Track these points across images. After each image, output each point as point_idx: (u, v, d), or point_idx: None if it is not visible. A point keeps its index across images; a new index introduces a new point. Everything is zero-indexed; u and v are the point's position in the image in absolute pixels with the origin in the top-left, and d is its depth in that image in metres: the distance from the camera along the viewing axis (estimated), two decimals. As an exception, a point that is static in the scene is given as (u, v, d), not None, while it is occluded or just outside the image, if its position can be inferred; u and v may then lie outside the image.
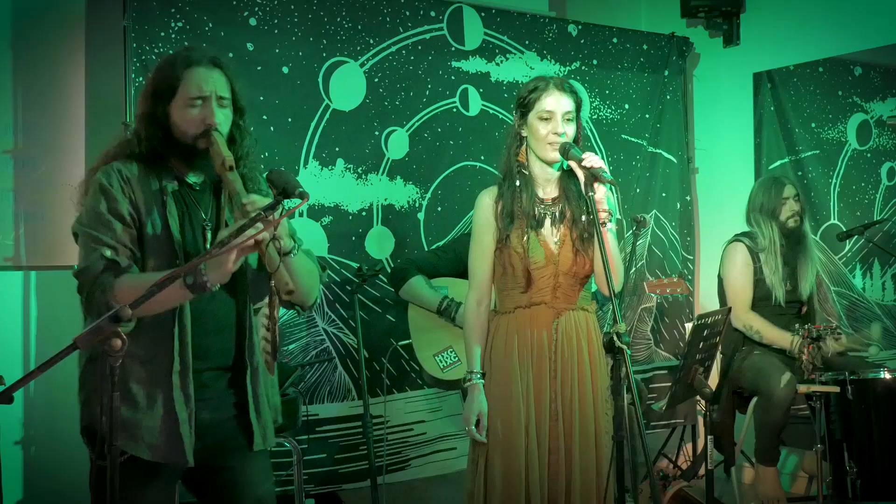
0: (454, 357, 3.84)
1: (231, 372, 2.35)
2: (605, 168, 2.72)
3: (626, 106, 5.08)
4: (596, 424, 2.84)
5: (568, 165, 2.86)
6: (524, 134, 2.87)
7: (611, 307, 2.62)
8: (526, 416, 2.80)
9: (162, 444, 2.23)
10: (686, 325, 5.13)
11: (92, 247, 2.21)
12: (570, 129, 2.83)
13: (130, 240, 2.24)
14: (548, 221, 2.87)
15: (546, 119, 2.81)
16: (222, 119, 2.30)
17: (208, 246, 2.25)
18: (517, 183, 2.85)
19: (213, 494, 2.44)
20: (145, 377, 2.24)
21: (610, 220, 2.74)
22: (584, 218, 2.85)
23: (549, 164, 2.86)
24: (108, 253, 2.19)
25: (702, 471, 3.77)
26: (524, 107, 2.86)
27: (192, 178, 2.34)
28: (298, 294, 2.36)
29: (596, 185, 2.68)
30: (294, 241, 2.30)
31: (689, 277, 5.15)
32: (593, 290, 3.06)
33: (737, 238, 4.38)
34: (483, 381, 2.87)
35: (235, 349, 2.34)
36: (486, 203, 2.91)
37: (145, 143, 2.28)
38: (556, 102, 2.82)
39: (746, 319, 4.23)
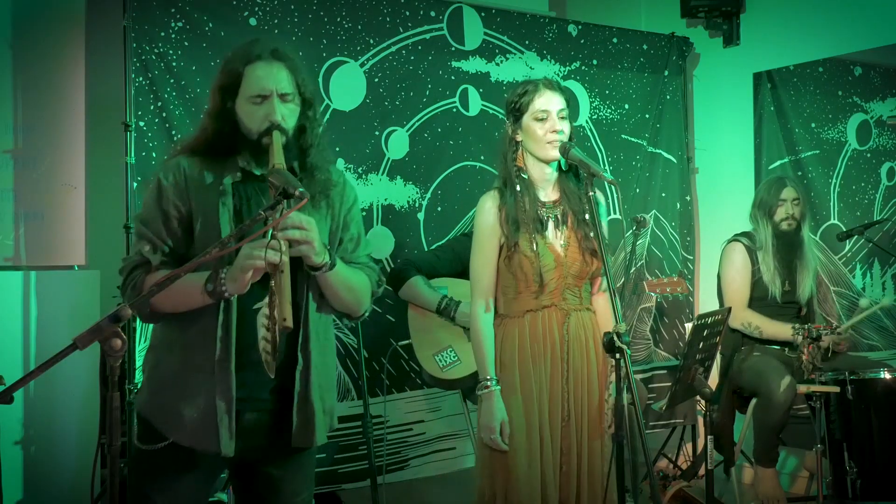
0: (454, 356, 3.84)
1: (281, 367, 2.29)
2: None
3: (626, 106, 5.08)
4: (599, 422, 2.86)
5: (566, 165, 2.87)
6: (519, 138, 2.87)
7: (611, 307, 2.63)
8: (539, 419, 2.80)
9: (199, 430, 2.24)
10: (686, 325, 5.13)
11: (138, 239, 2.32)
12: (566, 127, 2.85)
13: (171, 236, 2.29)
14: (551, 224, 2.86)
15: (542, 119, 2.82)
16: (287, 113, 2.29)
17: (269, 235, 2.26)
18: (518, 188, 2.84)
19: (248, 499, 2.44)
20: (189, 364, 2.26)
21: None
22: (586, 217, 2.84)
23: (549, 163, 2.86)
24: (147, 249, 2.28)
25: (702, 471, 3.78)
26: (517, 111, 2.86)
27: (259, 170, 2.33)
28: (340, 308, 2.43)
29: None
30: (330, 257, 2.28)
31: (689, 277, 5.15)
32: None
33: (735, 238, 4.39)
34: (500, 387, 2.82)
35: (285, 344, 2.30)
36: (490, 208, 2.87)
37: (212, 138, 2.31)
38: (549, 101, 2.83)
39: (744, 317, 4.23)
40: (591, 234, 2.83)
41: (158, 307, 2.27)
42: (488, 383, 2.81)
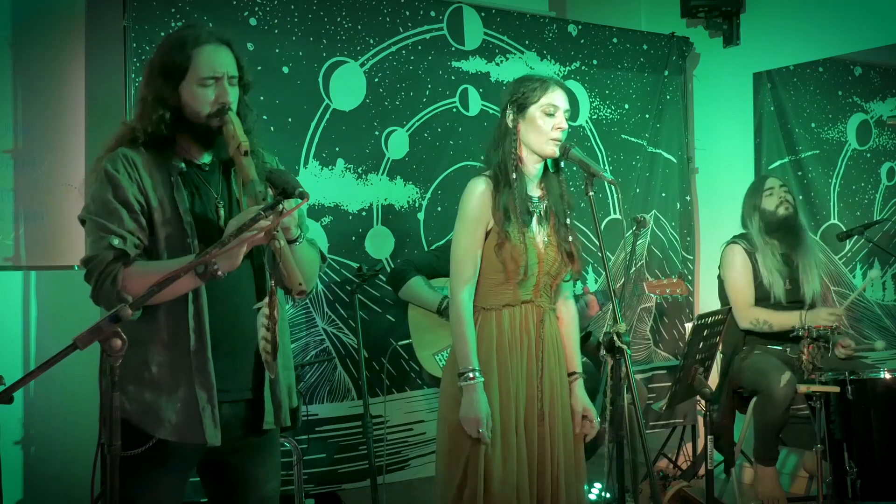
0: (454, 357, 3.84)
1: (253, 354, 2.30)
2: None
3: (626, 106, 5.08)
4: (573, 427, 2.87)
5: (553, 166, 2.87)
6: (520, 128, 2.84)
7: (610, 307, 2.63)
8: (516, 416, 2.78)
9: (182, 423, 2.22)
10: (686, 325, 5.14)
11: (100, 235, 2.21)
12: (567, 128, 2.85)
13: (138, 226, 2.23)
14: (534, 220, 2.85)
15: (551, 114, 2.80)
16: (233, 97, 2.30)
17: (221, 223, 2.26)
18: (514, 177, 2.81)
19: (219, 491, 2.43)
20: (167, 359, 2.24)
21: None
22: (567, 221, 2.85)
23: (545, 158, 2.85)
24: (116, 242, 2.19)
25: (702, 471, 3.78)
26: (523, 102, 2.82)
27: (201, 160, 2.33)
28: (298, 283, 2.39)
29: None
30: (301, 230, 2.30)
31: (690, 278, 5.15)
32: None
33: (733, 240, 4.38)
34: (483, 378, 2.76)
35: (255, 329, 2.28)
36: (481, 194, 2.80)
37: (152, 126, 2.27)
38: (560, 98, 2.83)
39: (751, 315, 4.22)
40: (570, 238, 2.84)
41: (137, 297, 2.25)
42: (472, 374, 2.73)
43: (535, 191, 2.88)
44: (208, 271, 2.12)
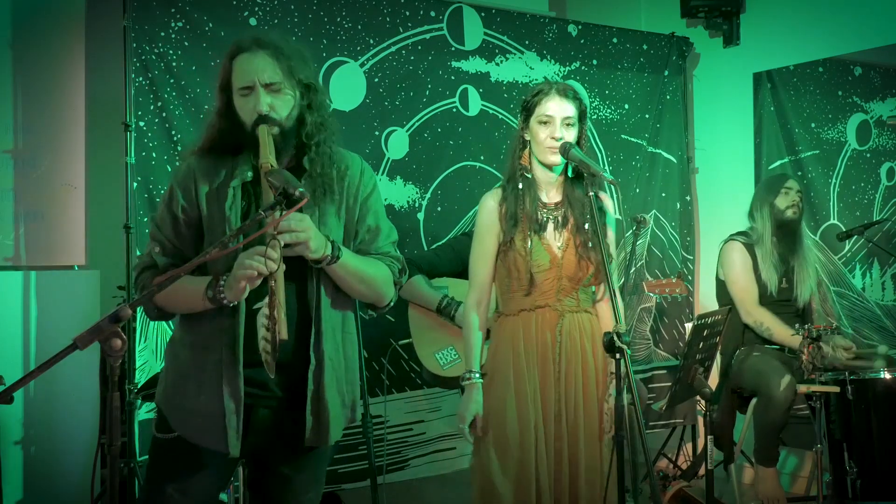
0: (454, 355, 3.84)
1: (292, 366, 2.27)
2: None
3: (626, 106, 5.08)
4: (599, 424, 2.86)
5: (572, 171, 2.89)
6: (527, 137, 2.91)
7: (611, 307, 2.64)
8: (535, 418, 2.81)
9: (207, 429, 2.24)
10: (686, 325, 5.14)
11: (150, 241, 2.34)
12: (570, 134, 2.85)
13: (179, 237, 2.29)
14: (551, 226, 2.89)
15: (545, 123, 2.84)
16: (278, 103, 2.23)
17: None
18: (520, 186, 2.87)
19: (260, 493, 2.44)
20: (200, 365, 2.26)
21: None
22: (587, 226, 2.85)
23: (548, 167, 2.89)
24: (157, 251, 2.29)
25: (702, 471, 3.77)
26: (527, 111, 2.90)
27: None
28: (360, 298, 2.40)
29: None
30: (332, 249, 2.23)
31: (690, 278, 5.15)
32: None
33: (732, 237, 4.38)
34: (482, 380, 2.87)
35: (296, 343, 2.26)
36: (490, 205, 2.92)
37: (217, 137, 2.30)
38: (556, 107, 2.84)
39: (757, 315, 4.21)
40: (591, 244, 2.84)
41: (168, 308, 2.28)
42: (470, 375, 2.88)
43: (551, 197, 2.92)
44: (216, 298, 2.17)
